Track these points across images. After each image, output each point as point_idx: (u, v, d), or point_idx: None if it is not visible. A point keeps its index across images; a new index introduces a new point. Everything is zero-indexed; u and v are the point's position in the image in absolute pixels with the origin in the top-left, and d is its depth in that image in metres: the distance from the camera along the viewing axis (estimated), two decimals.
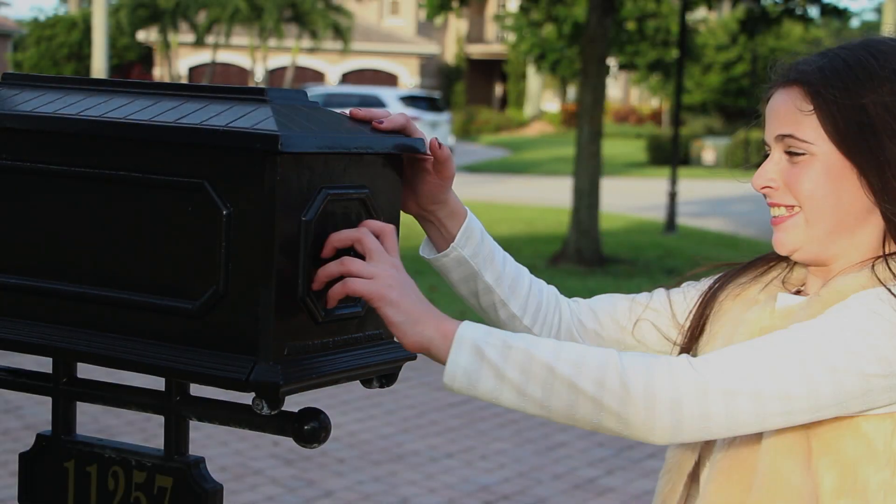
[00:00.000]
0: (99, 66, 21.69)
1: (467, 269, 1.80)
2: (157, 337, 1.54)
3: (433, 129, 26.63)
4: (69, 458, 1.68)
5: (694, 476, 1.73)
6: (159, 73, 43.59)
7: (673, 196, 16.91)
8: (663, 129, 39.81)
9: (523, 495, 5.61)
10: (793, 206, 1.67)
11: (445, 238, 1.79)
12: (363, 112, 1.63)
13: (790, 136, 1.66)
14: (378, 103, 27.39)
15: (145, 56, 45.77)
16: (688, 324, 1.80)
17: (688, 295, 1.85)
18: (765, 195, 1.70)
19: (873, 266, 1.63)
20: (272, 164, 1.46)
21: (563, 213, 15.70)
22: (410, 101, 28.87)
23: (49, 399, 1.71)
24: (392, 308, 1.49)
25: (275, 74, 46.23)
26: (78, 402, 1.71)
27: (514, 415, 7.00)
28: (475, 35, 55.66)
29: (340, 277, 1.51)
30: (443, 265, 1.79)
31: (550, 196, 20.95)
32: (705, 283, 1.84)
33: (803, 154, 1.65)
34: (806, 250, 1.67)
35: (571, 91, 47.30)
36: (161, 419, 1.63)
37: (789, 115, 1.66)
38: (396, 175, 1.67)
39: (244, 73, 45.69)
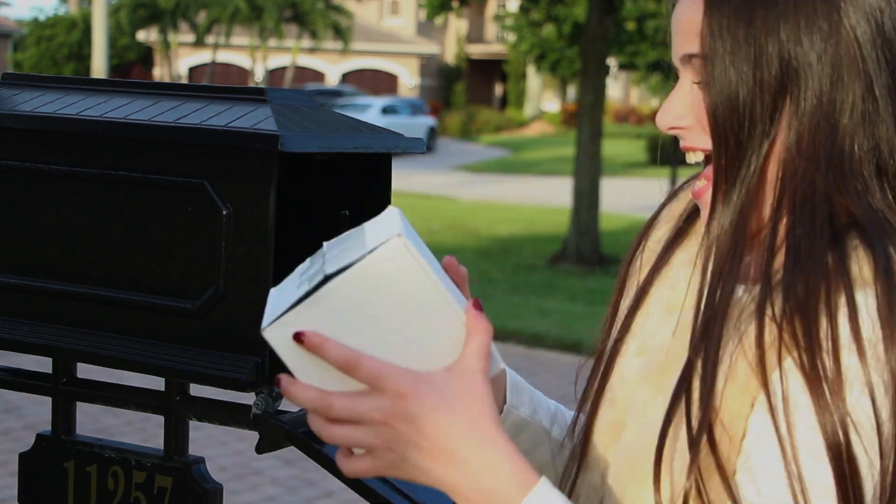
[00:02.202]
0: (99, 66, 21.70)
1: (533, 431, 1.37)
2: (157, 337, 1.54)
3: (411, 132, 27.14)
4: (69, 458, 1.68)
5: None
6: (159, 73, 43.60)
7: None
8: None
9: None
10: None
11: None
12: None
13: (697, 55, 1.16)
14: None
15: (145, 56, 45.78)
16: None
17: None
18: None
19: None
20: (272, 164, 1.46)
21: (563, 213, 15.70)
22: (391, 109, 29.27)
23: (49, 399, 1.71)
24: (409, 479, 1.05)
25: (275, 74, 46.24)
26: (78, 402, 1.71)
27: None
28: (475, 35, 55.68)
29: None
30: None
31: (550, 196, 20.94)
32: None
33: None
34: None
35: (571, 91, 47.29)
36: (161, 419, 1.63)
37: (693, 26, 1.16)
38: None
39: (244, 73, 45.70)
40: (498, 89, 55.97)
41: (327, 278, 1.02)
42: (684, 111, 1.19)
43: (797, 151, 1.12)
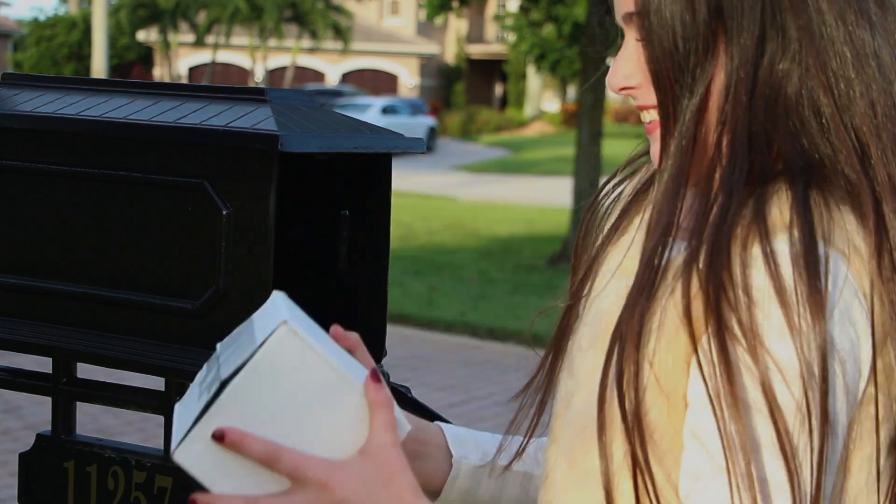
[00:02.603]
0: (99, 66, 21.71)
1: (492, 472, 1.37)
2: (157, 337, 1.54)
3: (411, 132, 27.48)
4: (69, 458, 1.68)
5: None
6: (159, 73, 43.61)
7: None
8: None
9: None
10: None
11: (438, 463, 1.35)
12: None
13: (635, 12, 1.14)
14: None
15: (145, 56, 45.79)
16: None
17: None
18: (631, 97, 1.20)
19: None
20: (272, 164, 1.46)
21: (563, 213, 15.70)
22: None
23: (49, 399, 1.71)
24: None
25: (275, 74, 46.25)
26: (78, 402, 1.71)
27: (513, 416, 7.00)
28: (475, 35, 55.70)
29: None
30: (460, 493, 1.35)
31: (550, 196, 20.93)
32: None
33: None
34: None
35: (571, 91, 47.30)
36: (161, 419, 1.63)
37: None
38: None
39: (244, 73, 45.71)
40: (498, 89, 55.99)
41: (223, 384, 1.02)
42: (632, 70, 1.18)
43: (732, 94, 1.09)
